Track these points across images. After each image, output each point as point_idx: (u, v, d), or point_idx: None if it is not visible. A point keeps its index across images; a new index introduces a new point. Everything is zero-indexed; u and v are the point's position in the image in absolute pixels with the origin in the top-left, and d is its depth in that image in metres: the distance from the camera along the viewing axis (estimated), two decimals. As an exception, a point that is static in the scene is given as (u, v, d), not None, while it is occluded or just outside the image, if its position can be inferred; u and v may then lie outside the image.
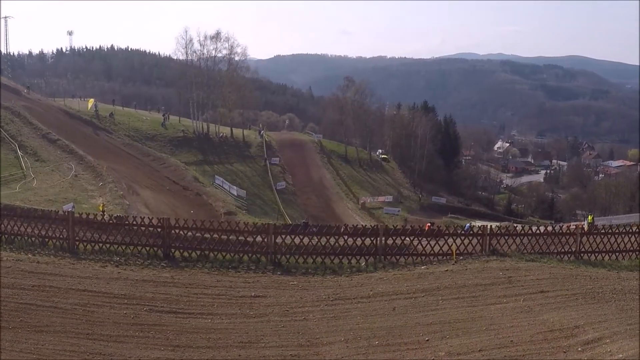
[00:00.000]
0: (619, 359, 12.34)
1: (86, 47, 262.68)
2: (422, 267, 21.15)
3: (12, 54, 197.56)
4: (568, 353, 13.04)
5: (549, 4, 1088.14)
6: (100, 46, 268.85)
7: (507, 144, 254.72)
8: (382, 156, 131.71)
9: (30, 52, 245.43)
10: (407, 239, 23.29)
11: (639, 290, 17.93)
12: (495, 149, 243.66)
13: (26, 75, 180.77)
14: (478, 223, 64.99)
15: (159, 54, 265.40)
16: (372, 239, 22.43)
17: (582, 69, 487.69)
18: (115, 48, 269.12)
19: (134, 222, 22.64)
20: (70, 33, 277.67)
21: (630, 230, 24.39)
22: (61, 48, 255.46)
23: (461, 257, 22.02)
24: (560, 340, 13.77)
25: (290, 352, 13.78)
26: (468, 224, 37.22)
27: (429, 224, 47.19)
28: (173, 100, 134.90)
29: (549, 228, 25.89)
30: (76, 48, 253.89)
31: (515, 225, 49.92)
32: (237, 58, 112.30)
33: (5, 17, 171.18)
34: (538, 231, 24.14)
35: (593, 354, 12.87)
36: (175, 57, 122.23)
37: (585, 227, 45.32)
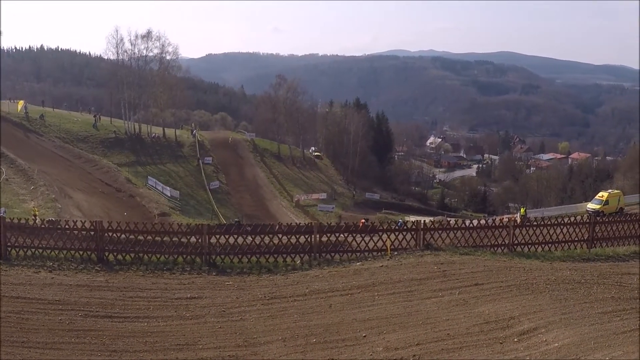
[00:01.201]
0: (554, 347, 12.59)
1: (15, 48, 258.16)
2: (357, 264, 21.26)
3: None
4: (504, 344, 13.26)
5: (479, 2, 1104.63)
6: (29, 46, 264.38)
7: (440, 140, 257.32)
8: (315, 154, 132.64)
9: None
10: (342, 235, 23.42)
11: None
12: (428, 144, 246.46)
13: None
14: (412, 218, 65.65)
15: (90, 53, 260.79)
16: (306, 236, 22.48)
17: (513, 65, 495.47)
18: (45, 48, 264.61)
19: (67, 226, 22.33)
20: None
21: (562, 222, 24.97)
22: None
23: (396, 253, 22.22)
24: (497, 331, 14.01)
25: (228, 352, 13.74)
26: (401, 220, 37.47)
27: (363, 220, 47.73)
28: (104, 101, 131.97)
29: (482, 221, 26.16)
30: (5, 49, 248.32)
31: (448, 219, 50.63)
32: (168, 57, 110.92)
33: None
34: (471, 225, 24.48)
35: (529, 344, 13.12)
36: (106, 57, 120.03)
37: (518, 219, 46.34)
